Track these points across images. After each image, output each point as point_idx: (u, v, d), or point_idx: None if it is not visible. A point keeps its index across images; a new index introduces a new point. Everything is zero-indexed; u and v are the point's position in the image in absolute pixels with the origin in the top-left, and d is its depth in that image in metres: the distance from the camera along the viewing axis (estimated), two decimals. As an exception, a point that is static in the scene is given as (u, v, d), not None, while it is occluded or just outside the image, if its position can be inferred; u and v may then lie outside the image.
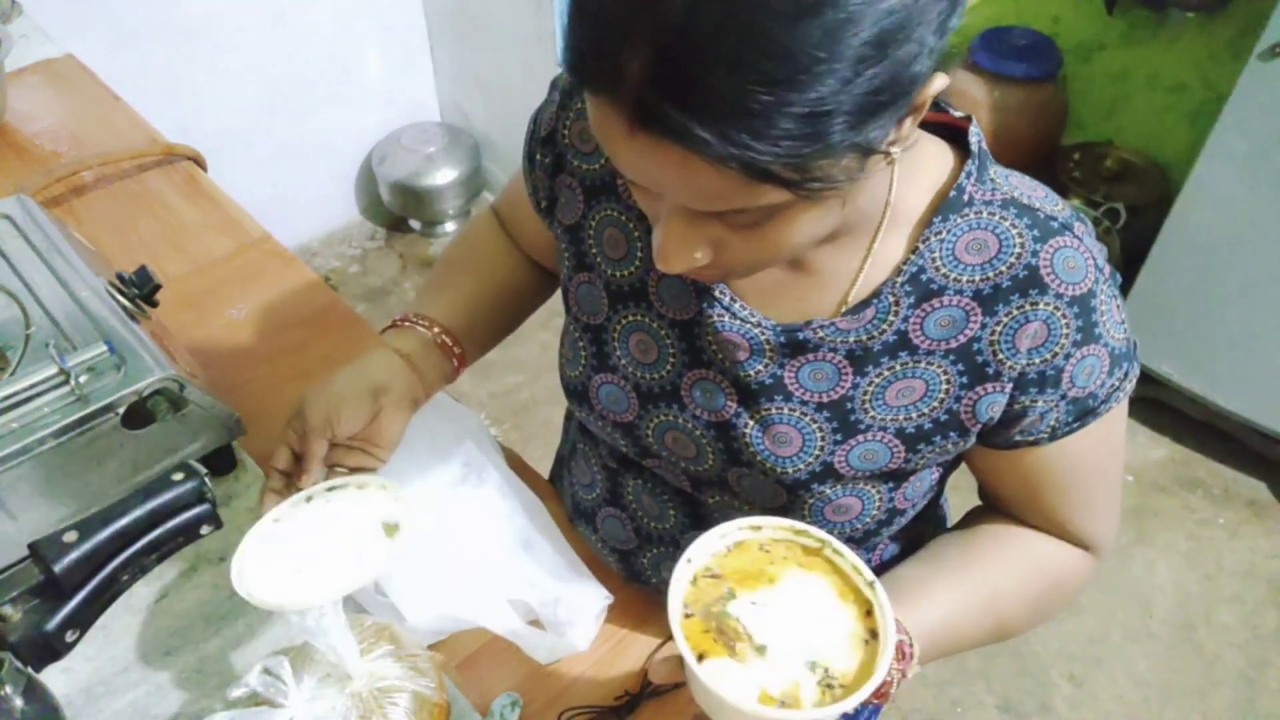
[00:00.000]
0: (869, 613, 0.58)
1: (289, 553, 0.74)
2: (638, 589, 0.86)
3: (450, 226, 2.67)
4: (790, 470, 0.71)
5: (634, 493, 0.84)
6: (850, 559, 0.59)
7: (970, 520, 0.81)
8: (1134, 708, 1.75)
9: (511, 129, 2.51)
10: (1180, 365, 2.03)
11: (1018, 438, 0.69)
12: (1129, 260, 2.14)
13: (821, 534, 0.60)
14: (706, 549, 0.60)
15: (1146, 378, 2.08)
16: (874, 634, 0.57)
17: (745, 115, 0.44)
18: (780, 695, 0.54)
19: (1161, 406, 2.13)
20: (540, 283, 0.94)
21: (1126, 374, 0.69)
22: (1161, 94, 2.28)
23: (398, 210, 2.64)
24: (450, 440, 0.89)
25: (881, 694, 0.65)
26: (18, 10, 1.49)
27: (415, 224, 2.69)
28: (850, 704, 0.54)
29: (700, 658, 0.55)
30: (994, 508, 0.80)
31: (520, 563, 0.83)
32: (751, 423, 0.71)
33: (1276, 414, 1.95)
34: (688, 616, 0.57)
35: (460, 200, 2.60)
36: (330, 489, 0.78)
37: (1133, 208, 2.24)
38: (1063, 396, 0.66)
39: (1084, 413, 0.68)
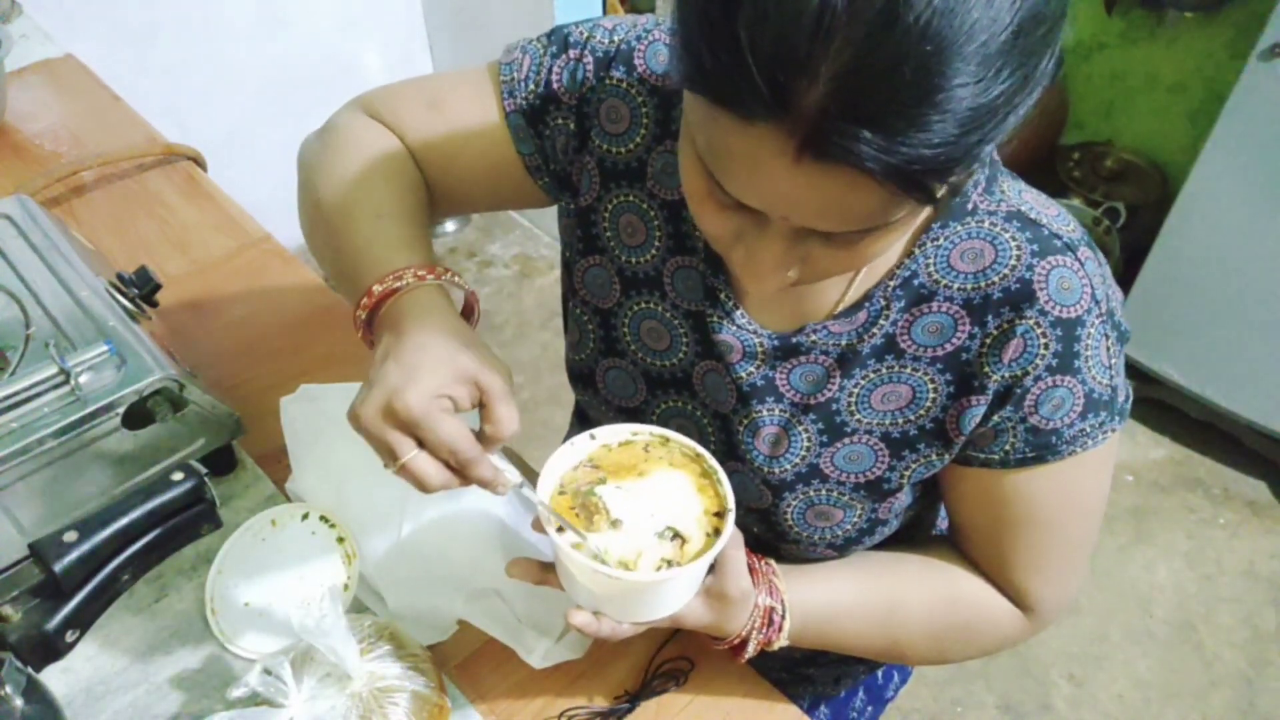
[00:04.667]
0: (719, 514, 0.63)
1: (256, 596, 0.81)
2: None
3: (450, 226, 2.67)
4: (777, 471, 0.71)
5: None
6: (726, 489, 0.63)
7: (924, 544, 0.79)
8: (1134, 708, 1.75)
9: (511, 129, 2.51)
10: (1180, 365, 2.03)
11: (971, 451, 0.68)
12: (1129, 260, 2.15)
13: (714, 463, 0.64)
14: (614, 434, 0.66)
15: (1146, 378, 2.08)
16: (718, 532, 0.62)
17: (925, 125, 0.42)
18: (618, 563, 0.60)
19: (1161, 406, 2.13)
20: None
21: (1102, 424, 0.65)
22: (1161, 94, 2.28)
23: (398, 210, 2.64)
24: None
25: (738, 645, 0.68)
26: (18, 10, 1.49)
27: (415, 224, 2.69)
28: (667, 574, 0.59)
29: (560, 530, 0.61)
30: (953, 540, 0.78)
31: (500, 557, 0.83)
32: (744, 423, 0.72)
33: (1276, 414, 1.95)
34: (560, 493, 0.64)
35: (460, 200, 2.60)
36: (273, 521, 0.85)
37: (1133, 208, 2.24)
38: (1022, 420, 0.64)
39: (1042, 447, 0.65)
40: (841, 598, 0.72)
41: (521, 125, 0.74)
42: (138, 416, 0.78)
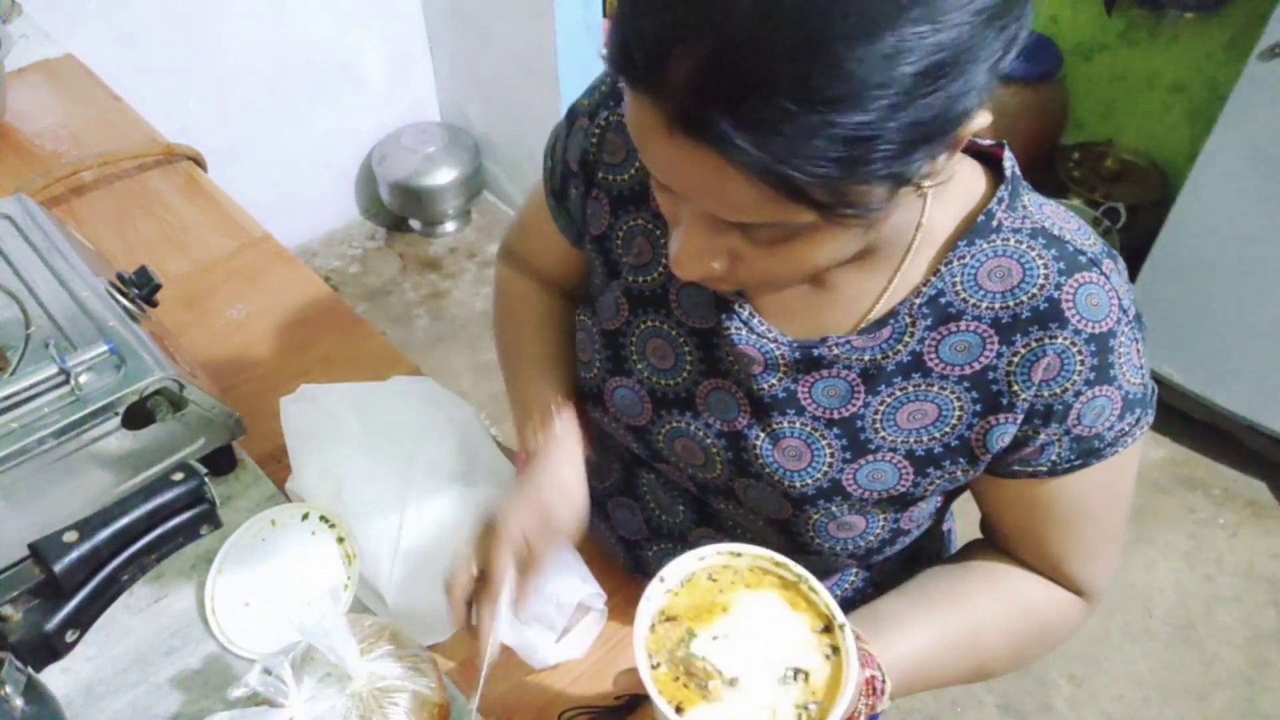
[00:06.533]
0: (827, 629, 0.58)
1: (256, 596, 0.81)
2: (640, 584, 0.86)
3: (450, 226, 2.67)
4: (799, 485, 0.71)
5: (649, 486, 0.84)
6: (824, 597, 0.58)
7: (966, 554, 0.80)
8: (1134, 708, 1.75)
9: (511, 129, 2.51)
10: (1180, 365, 2.03)
11: (1016, 466, 0.68)
12: (1129, 260, 2.14)
13: (800, 569, 0.60)
14: (680, 570, 0.60)
15: (1146, 378, 2.08)
16: (835, 649, 0.57)
17: (790, 132, 0.43)
18: None
19: (1162, 406, 2.13)
20: (572, 312, 0.91)
21: (1138, 420, 0.67)
22: (1161, 94, 2.28)
23: (398, 210, 2.64)
24: (443, 428, 0.89)
25: None
26: (18, 10, 1.49)
27: (415, 224, 2.69)
28: None
29: (679, 709, 0.55)
30: (992, 541, 0.78)
31: None
32: (762, 435, 0.71)
33: (1276, 414, 1.95)
34: (655, 668, 0.57)
35: (460, 200, 2.60)
36: (273, 521, 0.85)
37: (1133, 208, 2.24)
38: (1067, 432, 0.65)
39: (1088, 453, 0.66)
40: (927, 641, 0.71)
41: (554, 206, 0.81)
42: (138, 416, 0.78)
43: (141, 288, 0.87)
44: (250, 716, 0.64)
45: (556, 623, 0.77)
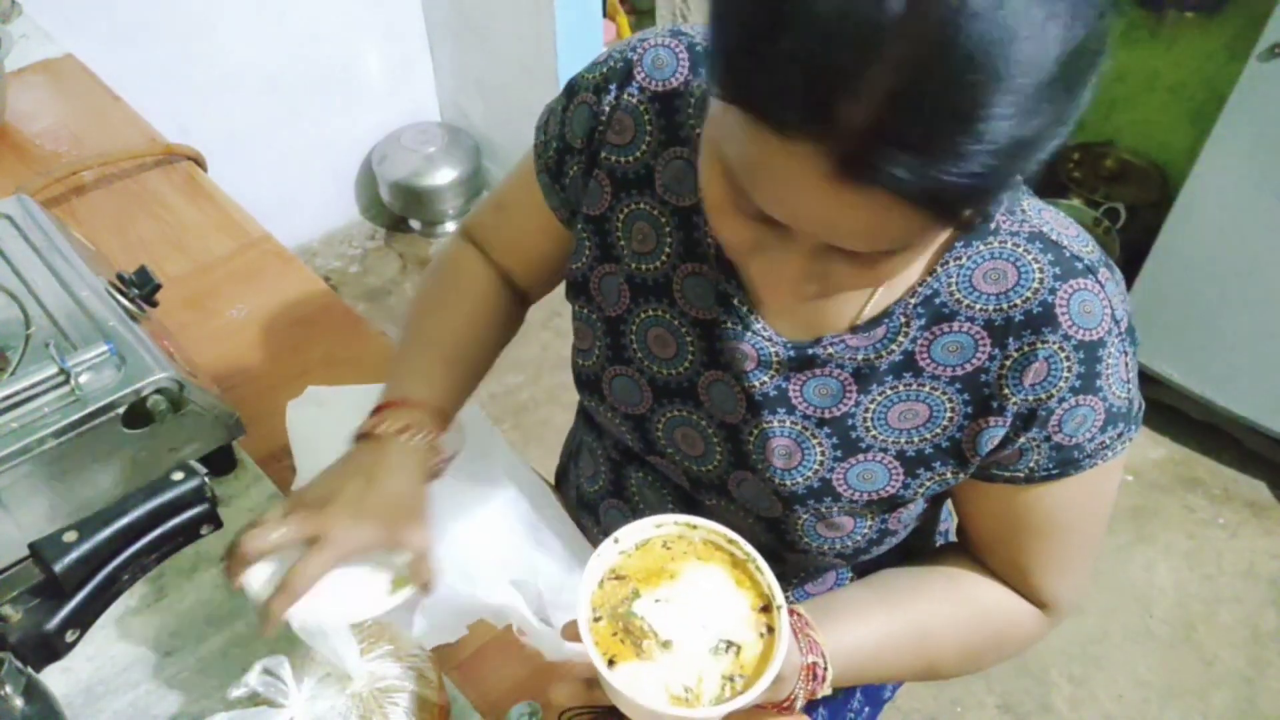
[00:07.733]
0: (766, 608, 0.60)
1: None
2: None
3: (450, 226, 2.67)
4: (789, 483, 0.71)
5: (637, 486, 0.84)
6: (768, 578, 0.60)
7: (938, 557, 0.80)
8: (1134, 708, 1.75)
9: (511, 129, 2.51)
10: (1180, 365, 2.03)
11: (994, 470, 0.68)
12: (1129, 260, 2.14)
13: (749, 549, 0.61)
14: (636, 533, 0.62)
15: (1146, 378, 2.08)
16: (770, 629, 0.59)
17: (967, 151, 0.42)
18: (683, 691, 0.57)
19: (1161, 406, 2.13)
20: (510, 314, 0.90)
21: (1120, 435, 0.66)
22: (1161, 94, 2.28)
23: (398, 210, 2.64)
24: (450, 428, 0.88)
25: (786, 707, 0.66)
26: (18, 10, 1.49)
27: (415, 224, 2.69)
28: (743, 701, 0.56)
29: (611, 662, 0.57)
30: (964, 546, 0.79)
31: (526, 549, 0.83)
32: (755, 432, 0.71)
33: (1276, 414, 1.95)
34: (596, 620, 0.59)
35: (460, 200, 2.60)
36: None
37: (1133, 208, 2.24)
38: (1047, 439, 0.65)
39: (1065, 462, 0.66)
40: (876, 635, 0.71)
41: (547, 183, 0.79)
42: (138, 416, 0.78)
43: (141, 288, 0.87)
44: (250, 716, 0.64)
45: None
